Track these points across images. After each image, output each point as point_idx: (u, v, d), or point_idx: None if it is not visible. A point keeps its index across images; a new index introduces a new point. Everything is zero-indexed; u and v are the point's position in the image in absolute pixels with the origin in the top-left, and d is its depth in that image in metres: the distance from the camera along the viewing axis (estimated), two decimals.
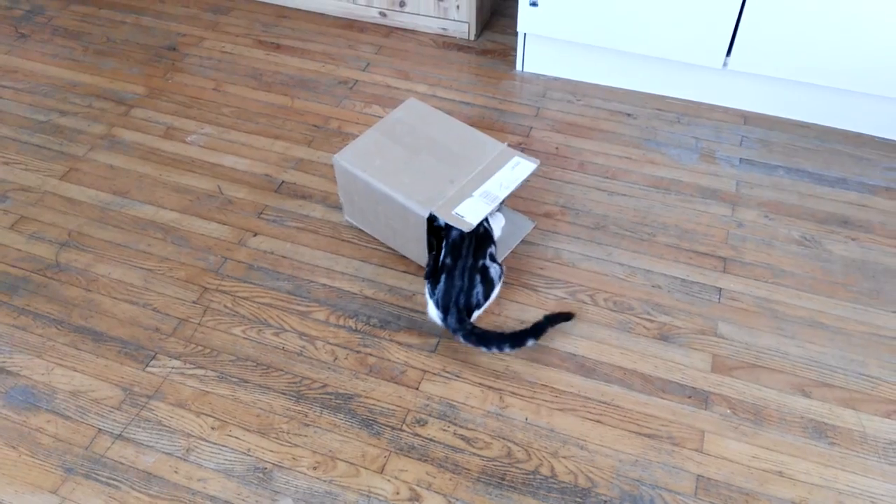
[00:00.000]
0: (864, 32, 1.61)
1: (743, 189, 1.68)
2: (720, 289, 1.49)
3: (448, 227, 1.40)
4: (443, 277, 1.37)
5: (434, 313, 1.38)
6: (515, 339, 1.36)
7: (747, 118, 1.86)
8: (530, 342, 1.36)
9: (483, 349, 1.37)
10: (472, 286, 1.36)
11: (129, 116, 1.88)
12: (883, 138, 1.80)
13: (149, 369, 1.37)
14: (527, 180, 1.47)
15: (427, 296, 1.39)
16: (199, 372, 1.36)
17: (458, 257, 1.37)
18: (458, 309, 1.35)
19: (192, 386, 1.34)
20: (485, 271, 1.38)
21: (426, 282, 1.40)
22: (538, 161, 1.48)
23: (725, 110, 1.88)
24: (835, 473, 1.22)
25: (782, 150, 1.77)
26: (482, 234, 1.42)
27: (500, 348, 1.36)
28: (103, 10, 2.24)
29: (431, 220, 1.41)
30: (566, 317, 1.41)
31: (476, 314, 1.39)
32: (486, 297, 1.39)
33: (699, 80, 1.86)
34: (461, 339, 1.35)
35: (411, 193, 1.41)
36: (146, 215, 1.64)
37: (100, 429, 1.29)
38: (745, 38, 1.71)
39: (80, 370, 1.37)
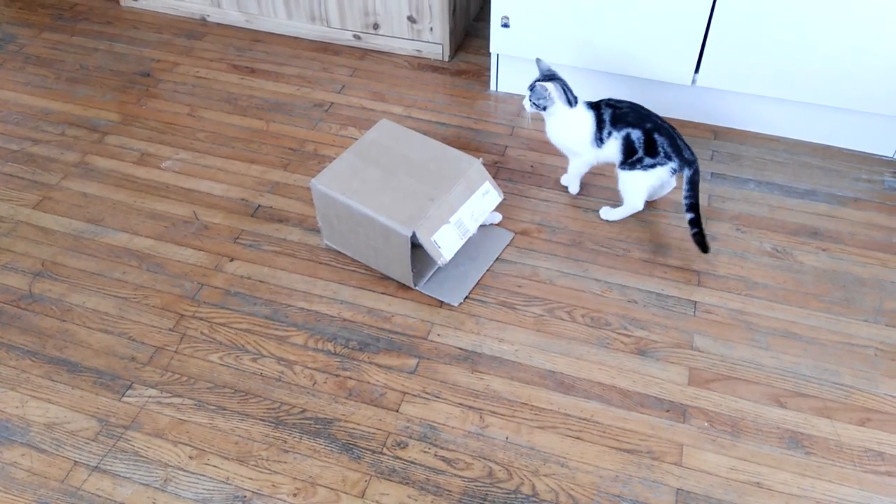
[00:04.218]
0: (828, 48, 1.65)
1: (715, 203, 1.71)
2: (695, 302, 1.50)
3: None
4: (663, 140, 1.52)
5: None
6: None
7: (717, 133, 1.89)
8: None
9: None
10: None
11: (102, 144, 1.88)
12: (850, 150, 1.84)
13: (125, 399, 1.36)
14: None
15: (676, 163, 1.53)
16: (177, 400, 1.35)
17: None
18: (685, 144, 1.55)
19: (170, 415, 1.33)
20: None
21: (672, 158, 1.52)
22: (503, 195, 1.54)
23: (696, 125, 1.91)
24: (812, 483, 1.24)
25: (752, 163, 1.80)
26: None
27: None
28: (76, 37, 2.24)
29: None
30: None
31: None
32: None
33: (669, 97, 1.89)
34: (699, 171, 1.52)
35: (393, 213, 1.42)
36: (121, 243, 1.63)
37: (76, 461, 1.27)
38: (713, 55, 1.74)
39: (55, 402, 1.36)
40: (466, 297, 1.51)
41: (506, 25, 1.84)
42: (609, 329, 1.46)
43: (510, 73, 1.98)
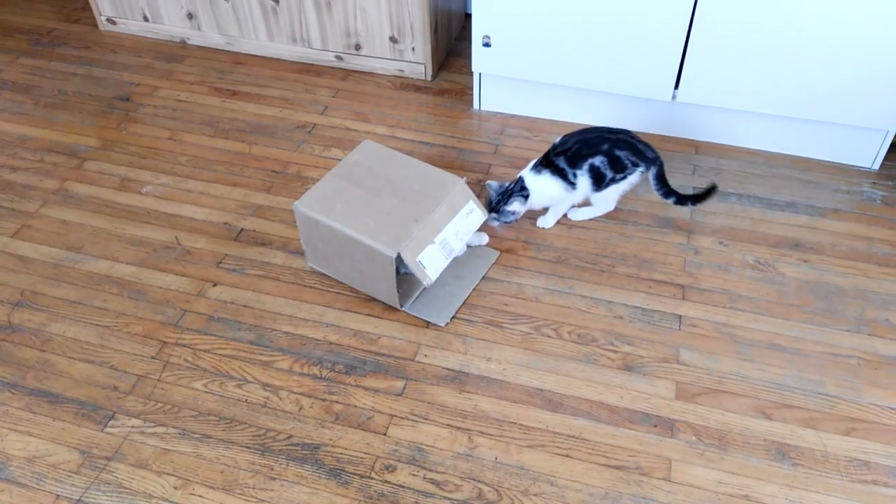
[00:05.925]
0: (805, 62, 1.67)
1: (697, 217, 1.72)
2: (680, 316, 1.51)
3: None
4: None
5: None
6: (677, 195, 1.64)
7: (698, 147, 1.91)
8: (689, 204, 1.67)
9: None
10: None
11: (82, 170, 1.86)
12: (828, 161, 1.86)
13: (108, 430, 1.34)
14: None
15: (643, 166, 1.61)
16: (160, 430, 1.33)
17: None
18: None
19: (153, 445, 1.31)
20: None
21: (639, 164, 1.60)
22: (486, 213, 1.55)
23: (677, 140, 1.92)
24: (799, 494, 1.24)
25: (733, 177, 1.82)
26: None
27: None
28: (54, 62, 2.23)
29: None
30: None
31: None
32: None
33: (650, 113, 1.91)
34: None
35: (377, 235, 1.41)
36: (101, 270, 1.61)
37: (58, 495, 1.25)
38: (692, 71, 1.76)
39: (36, 434, 1.33)
40: (453, 317, 1.51)
41: (487, 45, 1.85)
42: (596, 345, 1.46)
43: (493, 92, 1.99)
